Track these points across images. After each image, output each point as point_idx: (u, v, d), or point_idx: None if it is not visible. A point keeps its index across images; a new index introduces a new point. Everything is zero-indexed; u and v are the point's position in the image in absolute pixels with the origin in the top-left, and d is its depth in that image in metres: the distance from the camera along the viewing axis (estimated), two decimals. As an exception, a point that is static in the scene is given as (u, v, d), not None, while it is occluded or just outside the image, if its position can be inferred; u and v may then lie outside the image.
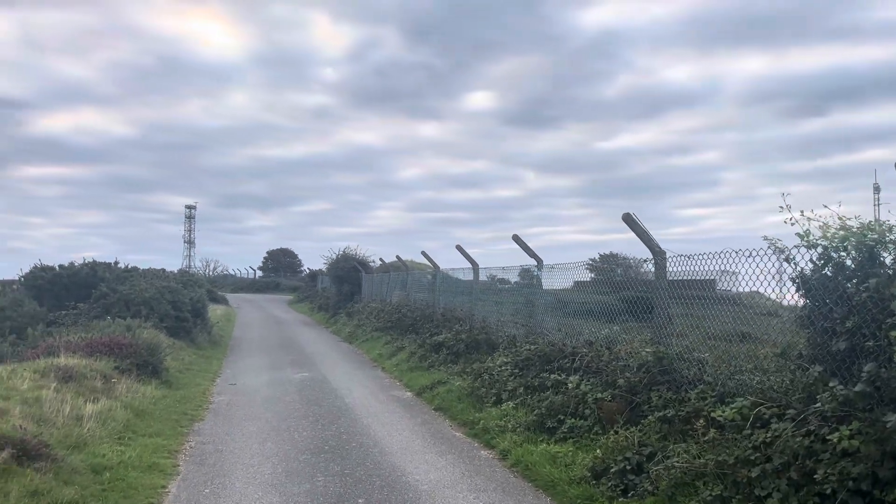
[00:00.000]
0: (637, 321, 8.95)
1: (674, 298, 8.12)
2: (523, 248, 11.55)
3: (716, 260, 6.92)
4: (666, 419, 6.72)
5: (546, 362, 9.64)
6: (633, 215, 7.78)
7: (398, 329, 18.32)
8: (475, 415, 9.52)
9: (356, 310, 26.19)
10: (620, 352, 7.95)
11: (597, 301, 9.95)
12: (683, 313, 8.19)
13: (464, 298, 16.26)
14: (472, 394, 10.43)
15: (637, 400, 7.42)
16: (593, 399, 7.84)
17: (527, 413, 8.70)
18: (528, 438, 8.02)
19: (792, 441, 5.10)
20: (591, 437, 7.48)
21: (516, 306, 13.46)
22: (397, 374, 14.13)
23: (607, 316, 9.66)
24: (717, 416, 5.85)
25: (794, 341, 5.98)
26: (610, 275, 11.26)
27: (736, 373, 6.55)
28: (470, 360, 12.34)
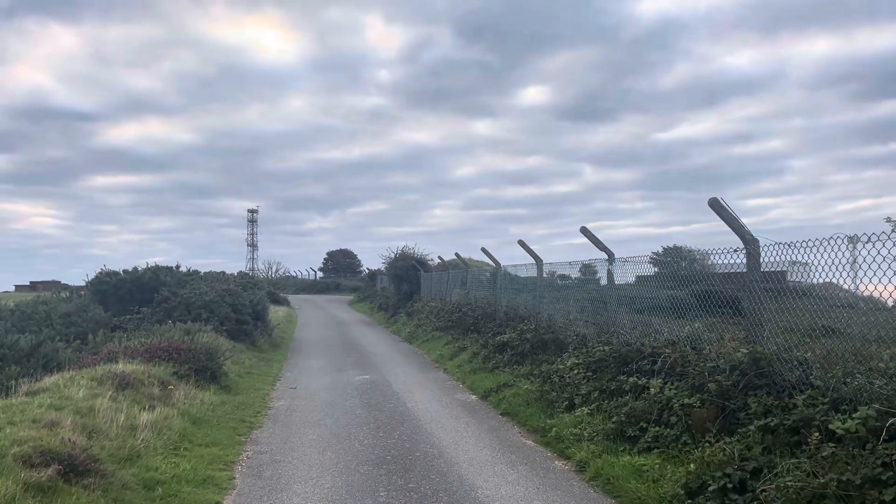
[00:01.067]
0: (719, 317, 8.20)
1: (767, 292, 7.36)
2: (592, 240, 10.82)
3: (824, 248, 6.08)
4: (769, 429, 5.94)
5: (622, 364, 8.90)
6: (720, 200, 7.00)
7: (459, 328, 17.76)
8: (546, 421, 8.87)
9: (416, 309, 25.76)
10: (711, 352, 7.16)
11: (670, 296, 9.18)
12: (777, 307, 7.42)
13: (527, 296, 15.57)
14: (541, 398, 9.77)
15: (731, 406, 6.64)
16: (679, 405, 7.09)
17: (604, 420, 7.99)
18: (608, 448, 7.32)
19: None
20: (679, 447, 6.73)
21: (584, 303, 12.72)
22: (460, 376, 13.57)
23: (680, 311, 8.90)
24: (837, 429, 5.06)
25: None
26: (689, 268, 10.41)
27: (850, 375, 5.72)
28: (536, 361, 11.67)
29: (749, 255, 7.01)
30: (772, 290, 7.80)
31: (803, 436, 5.60)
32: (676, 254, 18.14)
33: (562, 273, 15.13)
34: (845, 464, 4.91)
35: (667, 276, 9.87)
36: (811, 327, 6.81)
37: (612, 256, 10.84)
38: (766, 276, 7.54)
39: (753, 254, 6.96)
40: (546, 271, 15.16)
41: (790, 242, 6.41)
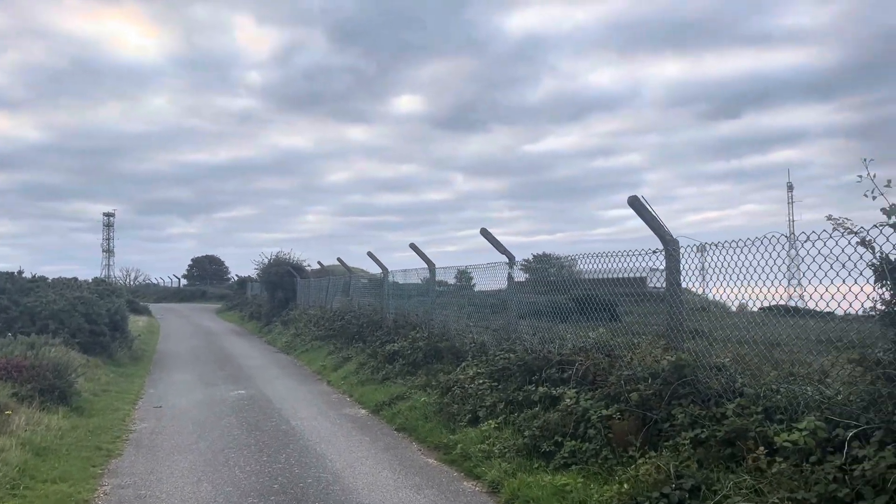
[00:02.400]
0: (595, 322, 8.27)
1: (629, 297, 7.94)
2: (493, 243, 10.30)
3: (750, 249, 5.79)
4: (700, 441, 5.55)
5: (528, 373, 8.38)
6: (640, 198, 6.62)
7: (342, 337, 16.80)
8: (449, 436, 8.19)
9: (292, 317, 24.42)
10: (633, 361, 6.75)
11: (552, 301, 9.24)
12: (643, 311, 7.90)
13: (417, 302, 14.90)
14: (441, 411, 9.09)
15: (654, 417, 6.23)
16: (598, 417, 6.62)
17: (514, 434, 7.42)
18: (521, 466, 6.74)
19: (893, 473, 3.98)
20: (600, 463, 6.25)
21: (483, 310, 12.21)
22: (346, 389, 12.65)
23: (563, 316, 9.11)
24: (783, 441, 4.69)
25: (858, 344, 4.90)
26: (559, 274, 10.12)
27: (784, 383, 5.44)
28: (432, 370, 10.99)
29: (668, 255, 6.67)
30: (633, 294, 8.03)
31: (738, 448, 5.25)
32: (546, 260, 18.18)
33: (440, 279, 14.59)
34: (792, 480, 4.56)
35: (567, 281, 9.54)
36: (680, 330, 6.94)
37: (512, 260, 10.37)
38: (627, 281, 7.89)
39: (673, 254, 6.63)
40: (421, 278, 14.64)
41: (717, 243, 6.09)
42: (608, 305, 8.27)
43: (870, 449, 4.28)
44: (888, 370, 4.44)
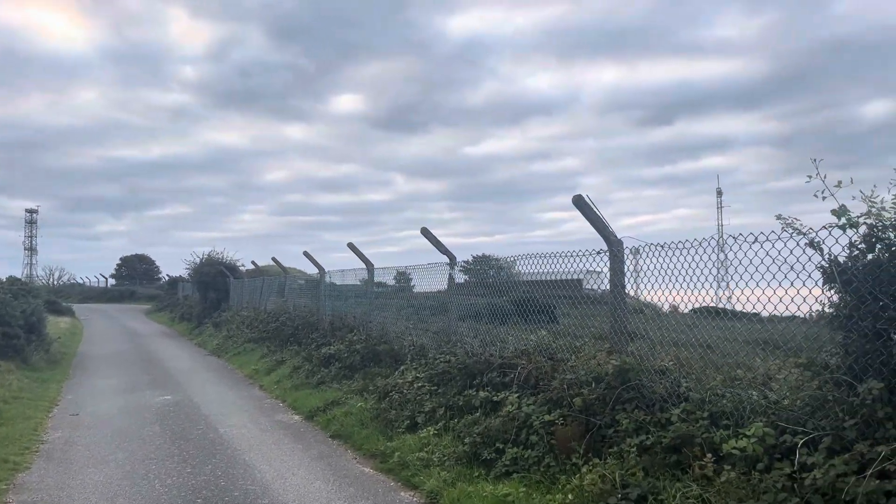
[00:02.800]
0: (536, 324, 8.24)
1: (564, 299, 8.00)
2: (434, 243, 10.02)
3: (689, 252, 5.67)
4: (645, 448, 5.39)
5: (469, 377, 8.13)
6: (585, 197, 6.45)
7: (276, 340, 16.24)
8: (385, 444, 7.85)
9: (224, 319, 23.60)
10: (577, 364, 6.56)
11: (492, 304, 9.13)
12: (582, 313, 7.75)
13: (355, 303, 14.50)
14: (378, 417, 8.75)
15: (598, 423, 6.05)
16: (540, 422, 6.41)
17: (454, 441, 7.15)
18: (461, 475, 6.47)
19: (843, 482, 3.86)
20: (543, 471, 6.04)
21: (422, 312, 11.92)
22: (280, 394, 12.15)
23: (502, 318, 9.07)
24: (731, 449, 4.55)
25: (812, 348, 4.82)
26: (498, 276, 9.97)
27: (730, 387, 5.32)
28: (369, 374, 10.63)
29: (612, 255, 6.51)
30: (571, 297, 8.00)
31: (685, 455, 5.10)
32: (485, 262, 18.07)
33: (379, 280, 14.25)
34: (740, 488, 4.42)
35: (507, 283, 9.37)
36: (624, 333, 6.93)
37: (453, 260, 10.11)
38: (565, 283, 7.88)
39: (617, 255, 6.48)
40: (360, 278, 14.31)
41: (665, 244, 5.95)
42: (547, 307, 8.23)
43: (818, 456, 4.18)
44: (836, 375, 4.34)
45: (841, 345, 4.36)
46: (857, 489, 3.70)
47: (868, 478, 3.65)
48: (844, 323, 4.30)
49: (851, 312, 4.23)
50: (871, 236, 4.16)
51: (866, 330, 4.14)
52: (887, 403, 3.91)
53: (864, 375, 4.12)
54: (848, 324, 4.27)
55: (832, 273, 4.35)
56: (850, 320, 4.25)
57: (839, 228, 4.35)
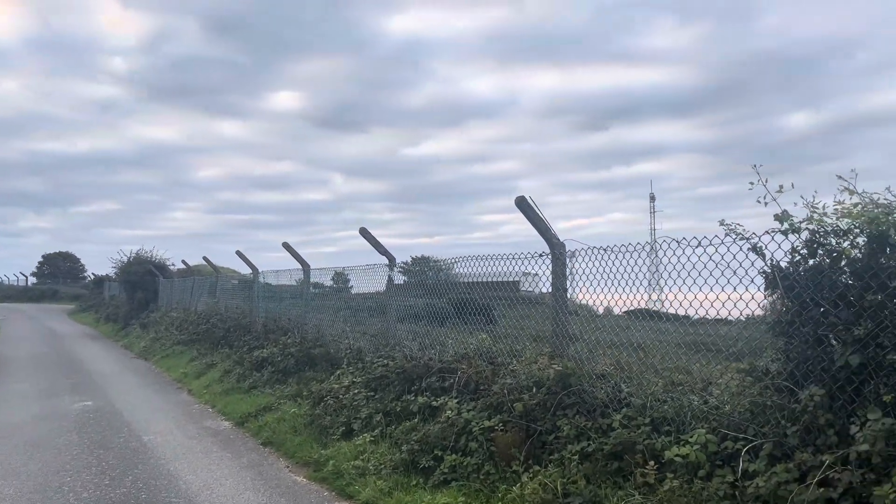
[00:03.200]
0: (473, 326, 8.18)
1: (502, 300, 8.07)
2: (373, 244, 9.77)
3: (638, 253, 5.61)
4: (586, 455, 5.29)
5: (408, 382, 7.92)
6: (528, 199, 6.33)
7: (207, 342, 15.68)
8: (320, 451, 7.56)
9: (153, 320, 22.72)
10: (519, 369, 6.44)
11: (429, 304, 9.04)
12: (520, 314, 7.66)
13: (289, 305, 14.09)
14: (312, 423, 8.44)
15: (538, 429, 5.93)
16: (480, 429, 6.26)
17: (391, 448, 6.93)
18: (398, 483, 6.26)
19: (786, 490, 3.83)
20: (482, 479, 5.88)
21: (359, 314, 11.65)
22: (209, 399, 11.66)
23: (441, 319, 8.95)
24: (674, 456, 4.48)
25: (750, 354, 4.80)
26: (437, 277, 9.86)
27: (672, 392, 5.28)
28: (304, 379, 10.29)
29: (555, 258, 6.42)
30: (506, 298, 8.14)
31: (627, 462, 5.02)
32: (424, 263, 17.98)
33: (315, 281, 13.92)
34: (682, 497, 4.35)
35: (446, 285, 9.22)
36: (565, 336, 6.94)
37: (393, 261, 9.88)
38: (501, 285, 7.98)
39: (560, 257, 6.39)
40: (295, 279, 13.97)
41: (607, 247, 5.88)
42: (485, 309, 8.16)
43: (760, 463, 4.14)
44: (777, 381, 4.32)
45: (782, 350, 4.34)
46: (800, 497, 3.66)
47: (812, 486, 3.61)
48: (786, 328, 4.29)
49: (793, 318, 4.22)
50: (812, 242, 4.15)
51: (807, 336, 4.12)
52: (828, 410, 3.90)
53: (805, 381, 4.11)
54: (789, 329, 4.26)
55: (774, 278, 4.33)
56: (792, 326, 4.24)
57: (781, 234, 4.34)
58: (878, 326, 3.75)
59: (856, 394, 3.86)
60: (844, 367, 3.87)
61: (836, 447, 3.82)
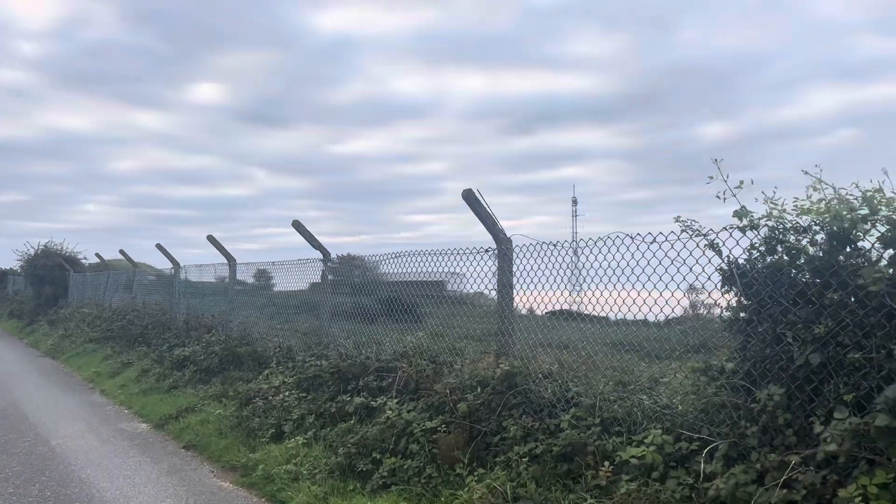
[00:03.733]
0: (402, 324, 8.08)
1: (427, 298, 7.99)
2: (307, 237, 9.36)
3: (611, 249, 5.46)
4: (534, 457, 5.11)
5: (343, 381, 7.59)
6: (475, 192, 6.13)
7: (123, 340, 14.83)
8: (248, 455, 7.14)
9: (62, 316, 21.42)
10: (463, 368, 6.21)
11: (365, 302, 8.85)
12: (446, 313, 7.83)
13: (213, 301, 13.47)
14: (239, 425, 7.99)
15: (483, 430, 5.73)
16: (422, 430, 6.00)
17: (326, 451, 6.59)
18: (335, 488, 5.94)
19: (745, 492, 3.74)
20: (424, 482, 5.63)
21: (281, 309, 11.19)
22: (125, 400, 10.96)
23: (370, 318, 8.76)
24: (629, 457, 4.35)
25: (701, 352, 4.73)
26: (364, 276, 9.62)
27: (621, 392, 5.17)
28: (229, 378, 9.79)
29: (501, 255, 6.23)
30: (432, 297, 8.05)
31: (577, 464, 4.87)
32: (351, 262, 17.74)
33: (241, 278, 13.36)
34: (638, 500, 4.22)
35: (379, 283, 8.99)
36: (510, 335, 6.87)
37: (327, 256, 9.50)
38: (428, 284, 7.94)
39: (506, 254, 6.20)
40: (215, 276, 13.45)
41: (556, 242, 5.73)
42: (413, 308, 8.13)
43: (717, 464, 4.05)
44: (732, 380, 4.25)
45: (739, 349, 4.27)
46: (762, 499, 3.57)
47: (774, 488, 3.52)
48: (744, 327, 4.22)
49: (751, 316, 4.15)
50: (772, 238, 4.10)
51: (765, 334, 4.06)
52: (787, 410, 3.83)
53: (763, 381, 4.05)
54: (747, 328, 4.19)
55: (732, 275, 4.26)
56: (750, 324, 4.17)
57: (739, 230, 4.27)
58: (838, 325, 3.71)
59: (815, 393, 3.82)
60: (804, 366, 3.81)
61: (795, 447, 3.76)
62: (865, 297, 3.62)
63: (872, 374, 3.56)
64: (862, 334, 3.62)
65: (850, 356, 3.62)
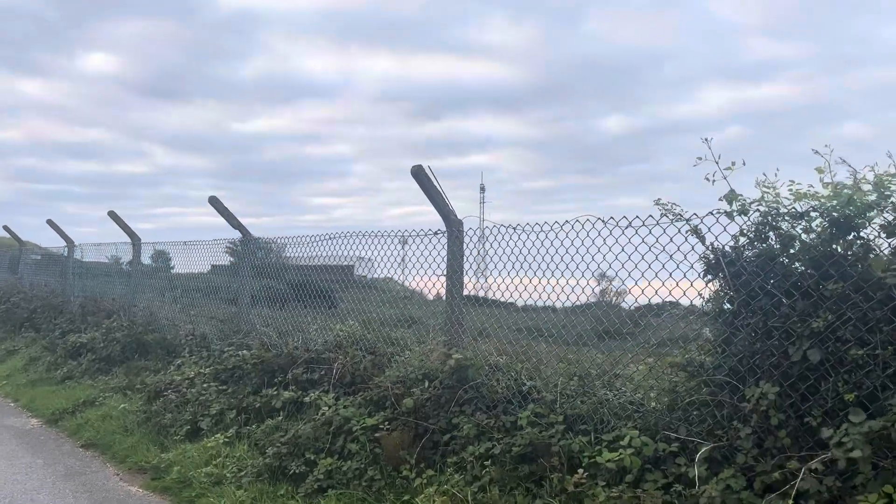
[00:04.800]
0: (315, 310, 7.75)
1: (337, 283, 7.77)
2: (224, 215, 8.56)
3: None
4: (492, 458, 4.69)
5: (268, 373, 6.93)
6: (426, 168, 5.63)
7: (6, 325, 13.46)
8: (160, 455, 6.40)
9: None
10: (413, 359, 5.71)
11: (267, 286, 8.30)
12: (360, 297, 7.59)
13: (114, 283, 12.35)
14: (147, 420, 7.20)
15: (431, 427, 5.26)
16: (361, 428, 5.47)
17: (252, 451, 5.95)
18: (264, 493, 5.33)
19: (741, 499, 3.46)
20: (365, 485, 5.11)
21: (189, 292, 10.33)
22: (10, 391, 9.83)
23: (282, 303, 8.41)
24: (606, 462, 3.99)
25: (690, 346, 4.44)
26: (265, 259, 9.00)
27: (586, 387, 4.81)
28: (134, 368, 8.88)
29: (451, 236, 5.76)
30: (342, 281, 7.91)
31: (540, 466, 4.48)
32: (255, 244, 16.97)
33: (146, 262, 12.31)
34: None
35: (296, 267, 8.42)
36: (398, 318, 7.16)
37: (248, 235, 8.74)
38: (335, 269, 7.87)
39: (458, 236, 5.74)
40: (106, 256, 12.40)
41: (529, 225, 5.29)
42: (327, 293, 7.83)
43: (700, 468, 3.74)
44: (715, 376, 3.95)
45: (722, 343, 3.98)
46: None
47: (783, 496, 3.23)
48: (730, 319, 3.93)
49: (739, 308, 3.86)
50: (764, 224, 3.81)
51: (755, 327, 3.78)
52: (779, 409, 3.56)
53: (751, 377, 3.76)
54: (734, 320, 3.90)
55: (718, 263, 3.96)
56: (738, 316, 3.88)
57: (727, 216, 3.97)
58: (838, 319, 3.46)
59: (810, 392, 3.56)
60: (799, 363, 3.55)
61: (789, 449, 3.50)
62: (870, 289, 3.38)
63: (876, 372, 3.33)
64: (865, 329, 3.38)
65: (852, 352, 3.37)
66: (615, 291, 6.15)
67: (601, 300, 5.71)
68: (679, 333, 4.32)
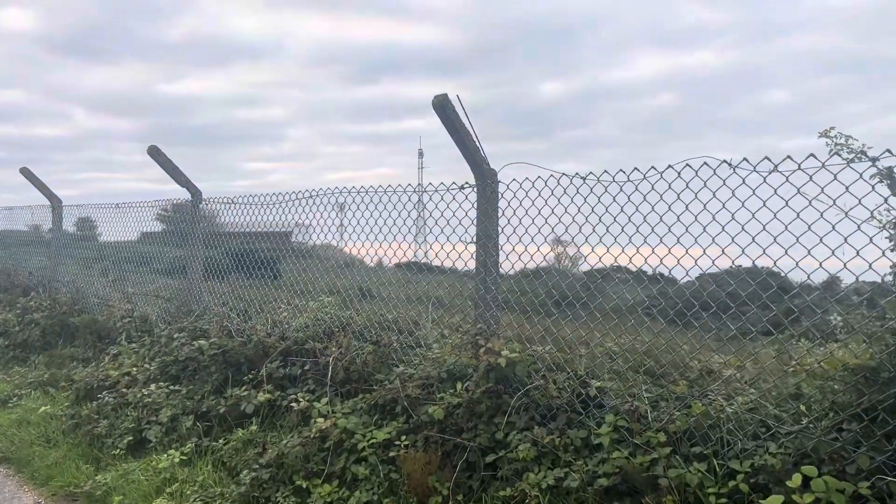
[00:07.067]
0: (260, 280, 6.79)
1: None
2: (169, 171, 6.96)
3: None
4: (568, 492, 3.44)
5: (233, 368, 5.48)
6: (454, 99, 4.27)
7: None
8: (94, 478, 4.91)
9: None
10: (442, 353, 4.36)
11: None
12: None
13: (30, 254, 10.52)
14: (77, 428, 5.66)
15: (468, 445, 3.96)
16: (370, 444, 4.15)
17: (219, 473, 4.54)
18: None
19: None
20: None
21: (128, 265, 8.70)
22: None
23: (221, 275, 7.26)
24: None
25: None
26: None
27: (698, 391, 3.59)
28: (58, 358, 7.26)
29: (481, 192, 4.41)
30: (277, 248, 7.16)
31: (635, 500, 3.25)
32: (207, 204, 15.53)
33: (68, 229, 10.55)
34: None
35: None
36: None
37: (198, 195, 7.17)
38: (272, 235, 7.26)
39: (490, 190, 4.38)
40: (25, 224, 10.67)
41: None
42: (270, 262, 6.81)
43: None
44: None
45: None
46: None
47: None
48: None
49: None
50: None
51: None
52: None
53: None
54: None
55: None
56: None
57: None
58: None
59: None
60: None
61: None
62: None
63: None
64: None
65: None
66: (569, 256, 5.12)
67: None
68: (859, 323, 3.09)
